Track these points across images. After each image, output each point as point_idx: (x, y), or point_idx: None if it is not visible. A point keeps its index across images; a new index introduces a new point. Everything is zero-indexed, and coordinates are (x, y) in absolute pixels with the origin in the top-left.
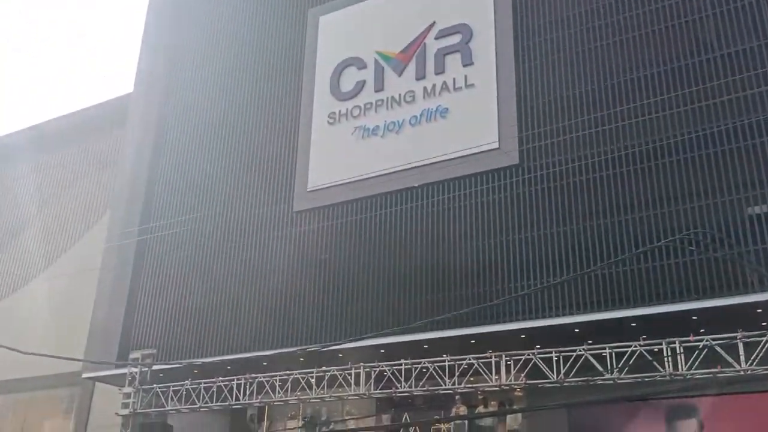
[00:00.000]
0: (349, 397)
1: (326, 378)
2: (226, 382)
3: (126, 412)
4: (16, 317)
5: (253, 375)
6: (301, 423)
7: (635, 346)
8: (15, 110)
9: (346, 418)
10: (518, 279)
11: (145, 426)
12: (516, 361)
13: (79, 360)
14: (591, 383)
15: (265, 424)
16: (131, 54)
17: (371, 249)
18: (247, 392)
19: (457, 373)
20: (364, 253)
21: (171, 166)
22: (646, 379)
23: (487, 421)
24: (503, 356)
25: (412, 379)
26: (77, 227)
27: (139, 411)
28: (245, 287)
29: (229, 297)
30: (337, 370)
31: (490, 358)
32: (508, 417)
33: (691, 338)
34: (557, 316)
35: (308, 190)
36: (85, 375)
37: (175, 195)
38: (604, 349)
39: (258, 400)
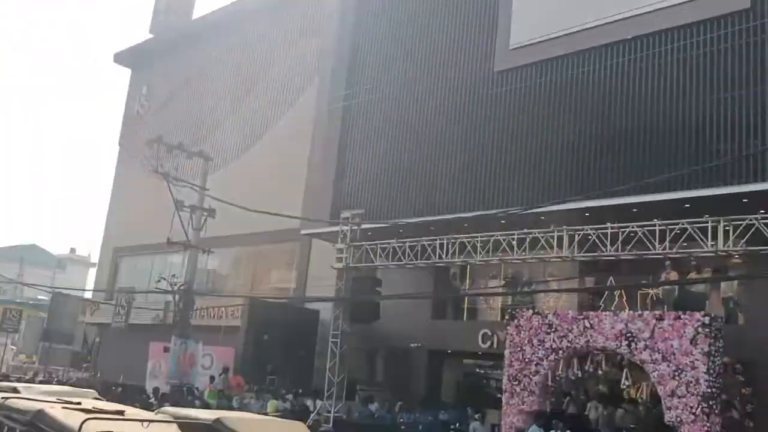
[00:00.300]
0: (552, 260)
1: (528, 240)
2: (430, 242)
3: (339, 265)
4: (244, 178)
5: (455, 236)
6: (502, 282)
7: None
8: None
9: (548, 279)
10: (740, 138)
11: (356, 279)
12: (735, 227)
13: (296, 218)
14: None
15: (467, 281)
16: None
17: (577, 109)
18: (449, 251)
19: (668, 239)
20: (569, 114)
21: (374, 30)
22: None
23: (699, 288)
24: (721, 221)
25: (619, 243)
26: (291, 94)
27: (351, 265)
28: (447, 149)
29: (433, 159)
30: (540, 233)
31: (707, 222)
32: (723, 284)
33: None
34: None
35: (510, 48)
36: (303, 232)
37: (379, 59)
38: None
39: (460, 260)
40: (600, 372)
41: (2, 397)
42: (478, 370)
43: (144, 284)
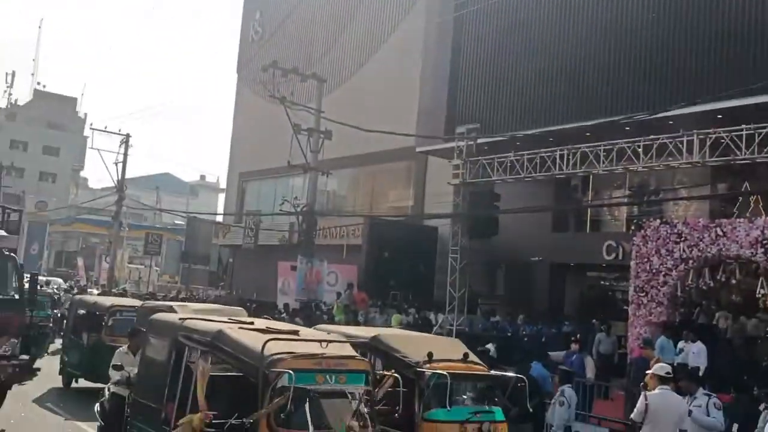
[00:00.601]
0: (681, 166)
1: (655, 147)
2: (549, 153)
3: (456, 181)
4: (358, 99)
5: (576, 146)
6: (627, 192)
7: None
8: None
9: (677, 186)
10: None
11: (474, 194)
12: None
13: (410, 135)
14: None
15: (589, 193)
16: None
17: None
18: (570, 162)
19: None
20: (694, 6)
21: None
22: None
23: None
24: None
25: (755, 145)
26: (401, 8)
27: (468, 181)
28: (564, 55)
29: (548, 67)
30: (667, 138)
31: None
32: None
33: None
34: None
35: None
36: (418, 149)
37: None
38: None
39: (581, 170)
40: (733, 281)
41: (180, 319)
42: (602, 282)
43: (269, 207)
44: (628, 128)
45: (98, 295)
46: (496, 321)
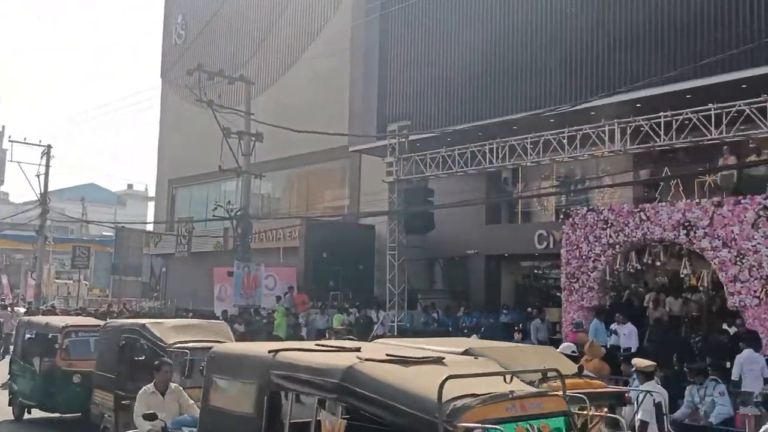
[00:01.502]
0: (604, 155)
1: (578, 137)
2: (479, 147)
3: (390, 179)
4: (288, 100)
5: (504, 139)
6: (555, 182)
7: None
8: None
9: (602, 175)
10: None
11: (408, 191)
12: None
13: (342, 135)
14: None
15: (519, 185)
16: None
17: None
18: (500, 156)
19: (724, 122)
20: (612, 3)
21: None
22: None
23: (760, 171)
24: None
25: (673, 131)
26: (326, 8)
27: (402, 178)
28: (490, 51)
29: (475, 63)
30: (590, 128)
31: (765, 102)
32: None
33: None
34: None
35: None
36: (351, 149)
37: None
38: None
39: (511, 163)
40: (658, 263)
41: (270, 352)
42: (536, 271)
43: (201, 213)
44: (552, 120)
45: (24, 313)
46: (436, 315)
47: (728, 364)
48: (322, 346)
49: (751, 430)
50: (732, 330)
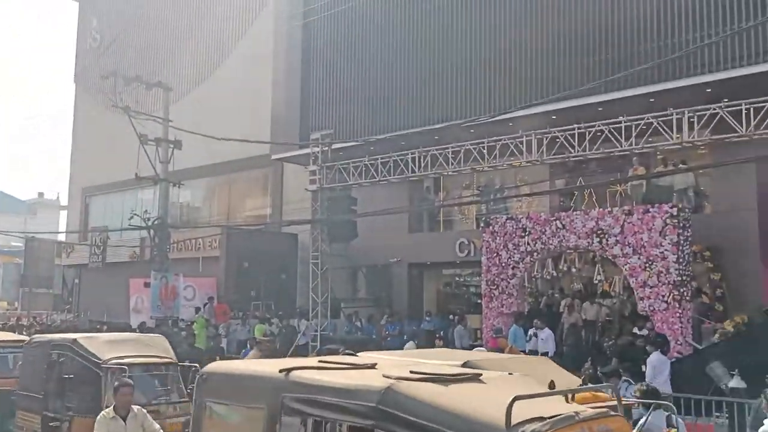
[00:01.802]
0: (522, 165)
1: (498, 147)
2: (401, 156)
3: (313, 187)
4: (208, 107)
5: (426, 148)
6: (475, 191)
7: None
8: None
9: (520, 184)
10: (703, 28)
11: (331, 199)
12: (700, 117)
13: (263, 143)
14: None
15: (441, 193)
16: None
17: (534, 11)
18: (422, 165)
19: (634, 134)
20: (529, 14)
21: None
22: None
23: (666, 181)
24: (686, 112)
25: (586, 142)
26: (247, 14)
27: (325, 186)
28: (411, 61)
29: (397, 72)
30: (508, 139)
31: (671, 115)
32: (684, 176)
33: None
34: (749, 65)
35: None
36: (274, 157)
37: None
38: None
39: (432, 172)
40: (574, 270)
41: (282, 371)
42: (457, 278)
43: (117, 222)
44: (472, 131)
45: None
46: (359, 324)
47: (643, 367)
48: (328, 362)
49: None
50: (643, 333)
